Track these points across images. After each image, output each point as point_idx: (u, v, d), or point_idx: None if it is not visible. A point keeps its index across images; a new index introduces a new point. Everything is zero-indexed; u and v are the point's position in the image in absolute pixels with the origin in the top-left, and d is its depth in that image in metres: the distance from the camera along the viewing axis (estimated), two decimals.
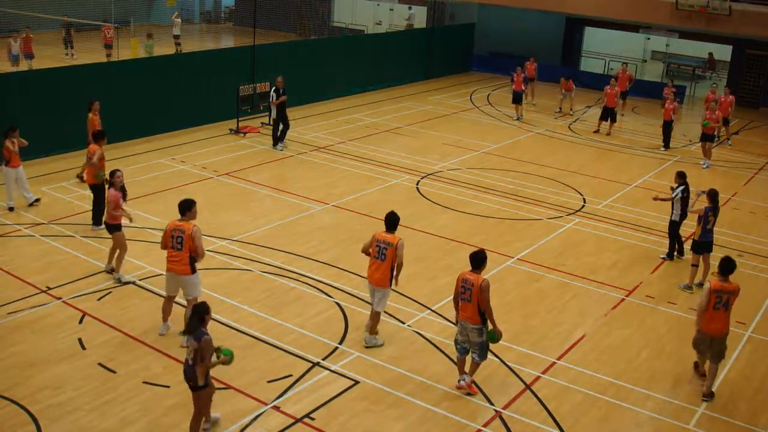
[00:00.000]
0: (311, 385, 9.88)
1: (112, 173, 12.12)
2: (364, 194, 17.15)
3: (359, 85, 28.03)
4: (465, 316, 9.60)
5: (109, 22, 29.73)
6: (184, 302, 10.70)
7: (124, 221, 12.26)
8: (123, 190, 12.21)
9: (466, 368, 9.90)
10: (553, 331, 11.69)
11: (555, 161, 20.75)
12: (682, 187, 14.20)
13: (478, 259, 9.57)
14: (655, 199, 14.82)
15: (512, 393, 10.02)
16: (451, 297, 11.95)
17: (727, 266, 10.07)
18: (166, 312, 10.75)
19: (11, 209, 14.87)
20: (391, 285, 10.62)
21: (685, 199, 14.18)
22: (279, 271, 13.01)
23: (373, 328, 10.90)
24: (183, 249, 10.15)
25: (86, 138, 15.70)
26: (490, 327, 9.58)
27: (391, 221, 10.68)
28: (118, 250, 12.30)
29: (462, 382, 9.86)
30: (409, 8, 38.65)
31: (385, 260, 10.44)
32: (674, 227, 14.44)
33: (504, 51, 33.91)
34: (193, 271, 10.30)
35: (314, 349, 10.69)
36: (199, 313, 8.25)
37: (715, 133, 22.27)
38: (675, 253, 14.67)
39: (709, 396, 10.19)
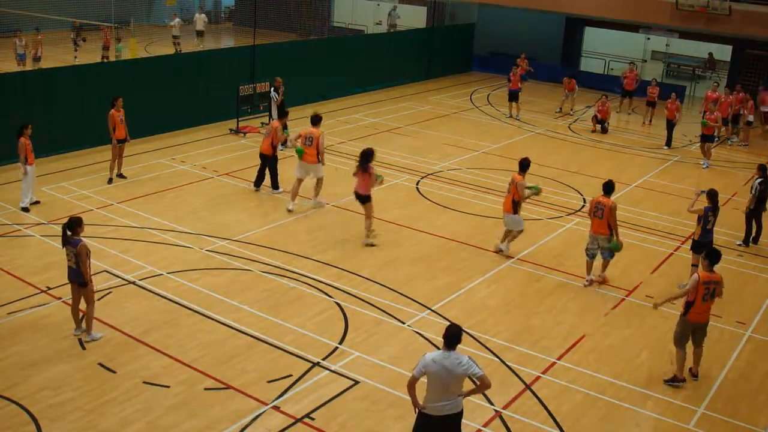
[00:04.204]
0: (311, 385, 9.88)
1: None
2: None
3: (359, 85, 28.03)
4: (597, 230, 12.94)
5: (110, 22, 29.74)
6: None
7: None
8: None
9: (596, 272, 13.28)
10: (553, 331, 11.70)
11: (555, 161, 20.74)
12: (760, 180, 15.15)
13: (610, 186, 12.88)
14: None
15: (512, 393, 10.02)
16: (451, 297, 12.63)
17: (714, 258, 10.31)
18: (294, 192, 15.60)
19: (25, 209, 14.86)
20: (516, 213, 13.76)
21: (763, 191, 15.14)
22: (279, 271, 13.01)
23: (511, 239, 14.19)
24: (312, 146, 14.50)
25: (107, 134, 16.63)
26: (615, 239, 12.87)
27: (522, 165, 13.73)
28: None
29: (587, 281, 13.21)
30: (394, 9, 38.67)
31: (508, 194, 13.80)
32: (757, 214, 15.38)
33: (504, 51, 33.90)
34: (319, 161, 15.07)
35: (314, 349, 10.70)
36: (72, 226, 10.13)
37: (715, 133, 22.31)
38: (750, 240, 15.69)
39: (697, 376, 10.70)
